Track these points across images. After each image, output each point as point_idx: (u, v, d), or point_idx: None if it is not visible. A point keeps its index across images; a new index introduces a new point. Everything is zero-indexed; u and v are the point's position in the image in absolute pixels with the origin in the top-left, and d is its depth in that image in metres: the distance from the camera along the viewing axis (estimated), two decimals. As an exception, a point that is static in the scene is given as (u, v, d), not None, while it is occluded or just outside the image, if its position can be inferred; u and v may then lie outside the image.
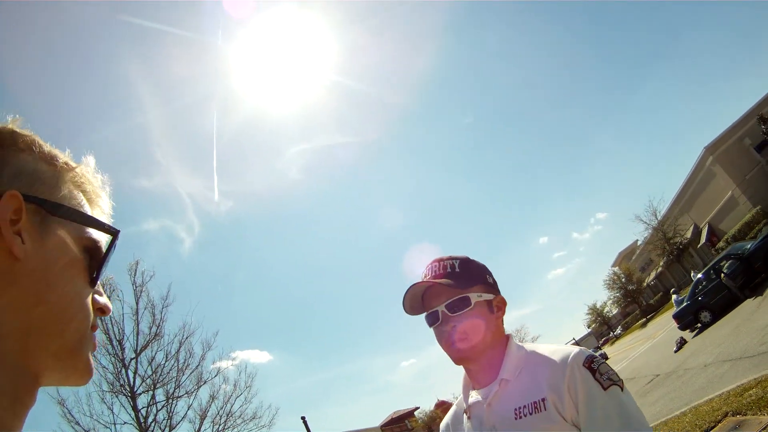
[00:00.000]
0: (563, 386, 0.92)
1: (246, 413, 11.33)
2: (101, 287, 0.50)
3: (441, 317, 1.05)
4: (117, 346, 10.07)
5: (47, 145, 0.48)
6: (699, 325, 11.89)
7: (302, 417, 15.28)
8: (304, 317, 69.15)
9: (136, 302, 10.59)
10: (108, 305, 0.49)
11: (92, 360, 0.46)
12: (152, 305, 10.74)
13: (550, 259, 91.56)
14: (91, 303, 0.46)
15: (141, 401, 10.13)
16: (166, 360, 10.62)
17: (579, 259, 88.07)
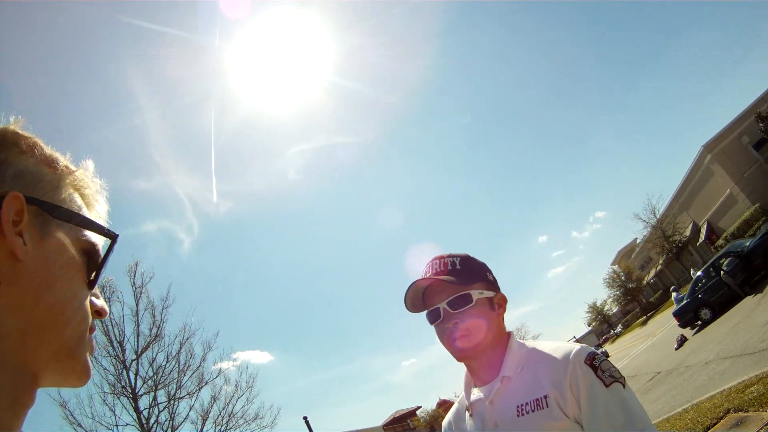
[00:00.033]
0: (565, 383, 0.92)
1: (248, 414, 11.41)
2: (98, 290, 0.50)
3: (443, 314, 1.04)
4: (118, 348, 10.08)
5: (48, 148, 0.48)
6: (699, 323, 11.90)
7: (304, 417, 15.29)
8: (305, 317, 69.26)
9: (136, 304, 10.64)
10: (105, 308, 0.50)
11: (90, 362, 0.47)
12: (152, 306, 10.80)
13: (550, 258, 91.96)
14: (89, 305, 0.47)
15: (143, 402, 10.18)
16: (167, 361, 10.67)
17: (578, 258, 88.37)
